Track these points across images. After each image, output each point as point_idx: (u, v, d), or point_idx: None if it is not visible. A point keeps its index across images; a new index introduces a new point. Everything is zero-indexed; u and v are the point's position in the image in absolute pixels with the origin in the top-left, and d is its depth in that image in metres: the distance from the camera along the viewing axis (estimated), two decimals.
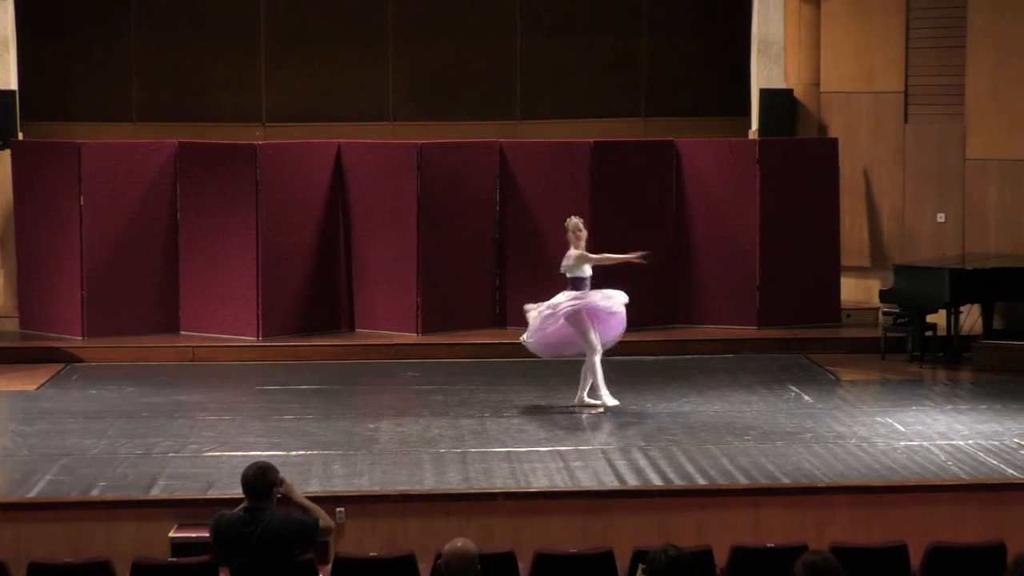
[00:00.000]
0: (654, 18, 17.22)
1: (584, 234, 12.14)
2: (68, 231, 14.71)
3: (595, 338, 12.00)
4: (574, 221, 12.15)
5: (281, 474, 7.50)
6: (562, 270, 12.13)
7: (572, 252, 12.03)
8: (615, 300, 12.05)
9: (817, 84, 16.29)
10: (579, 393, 12.25)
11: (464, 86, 17.08)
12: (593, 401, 12.19)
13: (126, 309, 14.82)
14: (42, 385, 13.35)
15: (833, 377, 13.68)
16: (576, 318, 11.96)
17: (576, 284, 12.01)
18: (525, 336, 12.20)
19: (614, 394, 12.13)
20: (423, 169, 14.88)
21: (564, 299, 12.00)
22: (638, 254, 12.16)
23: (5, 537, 9.22)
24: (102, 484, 9.93)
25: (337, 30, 17.01)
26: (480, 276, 15.34)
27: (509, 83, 17.17)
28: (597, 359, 12.04)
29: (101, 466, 10.40)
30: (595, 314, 12.02)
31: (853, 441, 11.10)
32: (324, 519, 7.51)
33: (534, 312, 12.13)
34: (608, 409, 12.06)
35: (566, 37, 17.15)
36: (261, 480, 7.34)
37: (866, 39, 15.98)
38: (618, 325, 12.15)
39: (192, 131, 16.00)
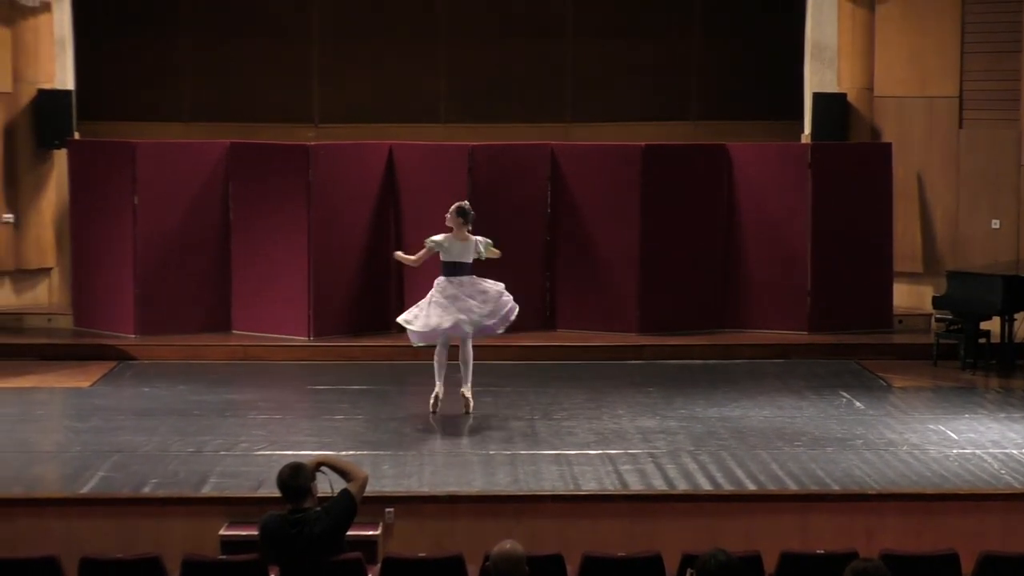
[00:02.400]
0: (706, 21, 17.18)
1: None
2: (122, 230, 14.82)
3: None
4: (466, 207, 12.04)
5: (314, 458, 7.61)
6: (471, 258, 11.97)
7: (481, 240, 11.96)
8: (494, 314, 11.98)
9: (870, 88, 16.20)
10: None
11: (515, 88, 17.09)
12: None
13: (178, 308, 14.92)
14: (95, 382, 13.46)
15: (884, 383, 13.60)
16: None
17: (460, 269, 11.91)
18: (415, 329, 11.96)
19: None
20: (474, 171, 14.91)
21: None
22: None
23: (58, 532, 9.31)
24: (153, 481, 10.01)
25: (389, 32, 17.07)
26: (530, 278, 15.34)
27: (560, 86, 17.17)
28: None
29: (153, 463, 10.48)
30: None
31: (904, 448, 11.04)
32: (356, 478, 7.55)
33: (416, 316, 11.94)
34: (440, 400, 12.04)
35: (617, 40, 17.13)
36: (296, 480, 7.40)
37: (920, 43, 15.88)
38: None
39: (244, 131, 16.08)
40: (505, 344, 14.67)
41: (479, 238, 12.03)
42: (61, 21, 15.88)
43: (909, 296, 15.88)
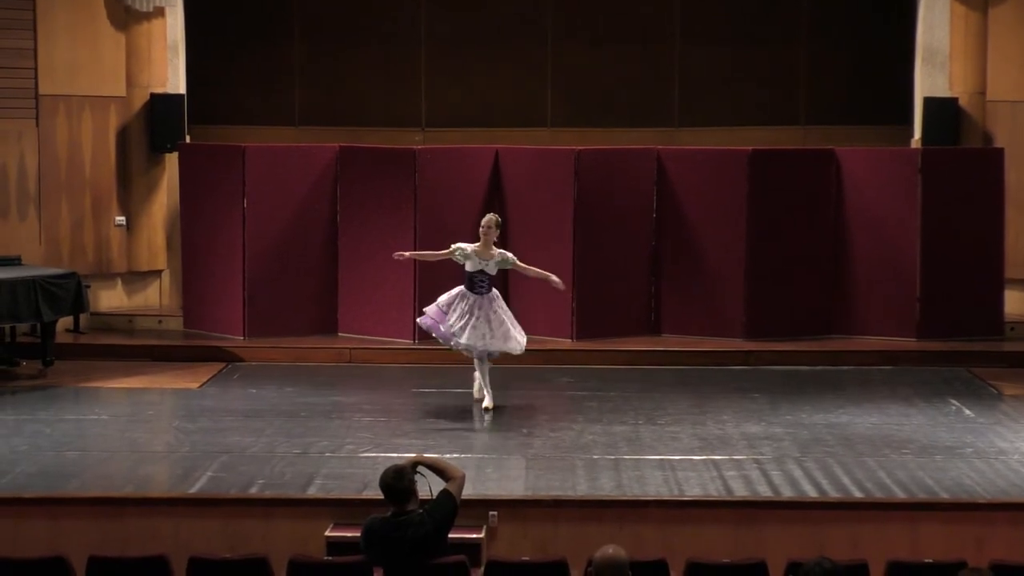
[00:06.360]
0: (814, 25, 17.04)
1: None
2: (231, 233, 15.01)
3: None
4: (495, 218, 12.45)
5: (410, 458, 7.67)
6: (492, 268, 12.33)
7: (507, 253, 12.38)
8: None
9: (983, 93, 15.96)
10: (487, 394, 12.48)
11: (622, 93, 17.06)
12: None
13: (286, 310, 15.07)
14: (204, 383, 13.64)
15: (995, 391, 13.39)
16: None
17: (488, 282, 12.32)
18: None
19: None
20: (580, 175, 14.91)
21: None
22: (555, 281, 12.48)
23: (167, 531, 9.44)
24: (260, 482, 10.12)
25: (496, 36, 17.12)
26: (636, 283, 15.32)
27: (667, 90, 17.11)
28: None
29: (260, 464, 10.60)
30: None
31: (1016, 457, 10.87)
32: (454, 477, 7.63)
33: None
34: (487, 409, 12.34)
35: (725, 44, 17.04)
36: (399, 483, 7.46)
37: None
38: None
39: (353, 136, 16.21)
40: (610, 349, 14.70)
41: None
42: (174, 26, 16.11)
43: (1021, 303, 15.63)
